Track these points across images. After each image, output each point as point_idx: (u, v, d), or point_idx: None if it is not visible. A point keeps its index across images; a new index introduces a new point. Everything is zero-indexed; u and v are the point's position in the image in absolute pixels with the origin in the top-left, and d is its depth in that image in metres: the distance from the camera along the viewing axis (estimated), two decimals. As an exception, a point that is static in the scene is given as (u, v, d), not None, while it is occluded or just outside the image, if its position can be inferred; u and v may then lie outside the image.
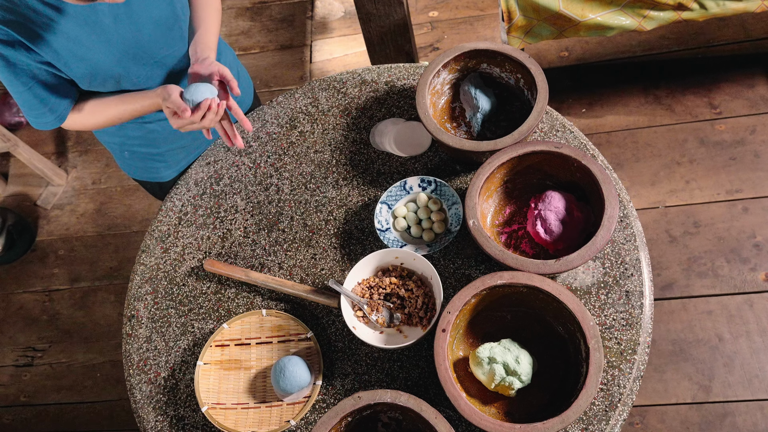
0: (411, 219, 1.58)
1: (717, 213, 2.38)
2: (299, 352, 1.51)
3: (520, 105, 1.64)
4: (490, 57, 1.60)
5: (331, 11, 3.26)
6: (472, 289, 1.34)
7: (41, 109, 1.47)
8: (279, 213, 1.67)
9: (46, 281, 2.90)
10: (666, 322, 2.26)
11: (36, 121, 1.50)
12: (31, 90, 1.43)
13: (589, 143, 1.59)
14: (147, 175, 1.87)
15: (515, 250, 1.50)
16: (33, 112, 1.47)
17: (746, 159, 2.45)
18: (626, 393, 1.34)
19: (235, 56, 1.91)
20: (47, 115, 1.48)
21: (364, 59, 3.06)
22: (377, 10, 2.19)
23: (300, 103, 1.80)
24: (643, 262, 1.45)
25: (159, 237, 1.71)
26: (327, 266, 1.59)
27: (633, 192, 2.47)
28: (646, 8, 2.12)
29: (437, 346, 1.30)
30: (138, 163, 1.82)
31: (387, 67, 1.80)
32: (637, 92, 2.65)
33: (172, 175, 1.87)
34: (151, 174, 1.86)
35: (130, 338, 1.61)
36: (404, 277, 1.50)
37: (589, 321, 1.27)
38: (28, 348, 2.78)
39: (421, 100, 1.56)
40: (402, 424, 1.35)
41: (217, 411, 1.47)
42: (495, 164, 1.45)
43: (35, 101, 1.45)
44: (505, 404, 1.36)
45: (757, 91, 2.55)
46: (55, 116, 1.49)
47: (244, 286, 1.61)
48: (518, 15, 2.18)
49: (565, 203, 1.45)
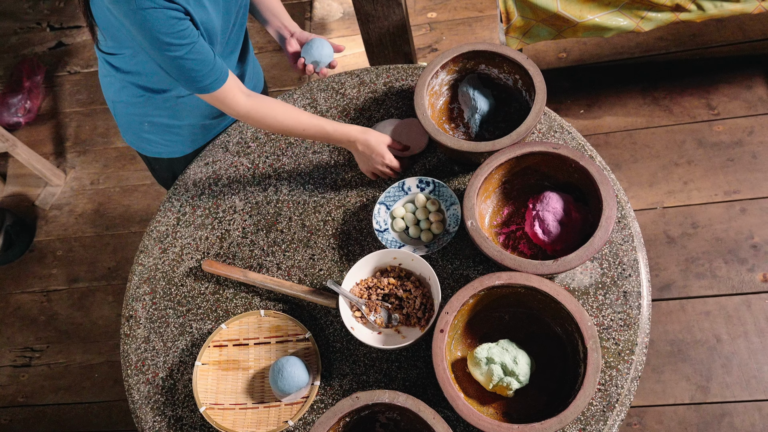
0: (409, 219, 1.58)
1: (715, 214, 2.38)
2: (297, 352, 1.51)
3: (518, 106, 1.64)
4: (488, 58, 1.60)
5: (329, 12, 3.27)
6: (470, 290, 1.34)
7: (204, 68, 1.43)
8: (277, 213, 1.67)
9: (44, 282, 2.90)
10: (664, 323, 2.26)
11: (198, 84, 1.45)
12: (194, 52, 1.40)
13: (587, 144, 1.59)
14: (160, 149, 1.81)
15: (513, 250, 1.50)
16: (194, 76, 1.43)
17: (744, 160, 2.45)
18: (624, 393, 1.34)
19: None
20: (208, 77, 1.44)
21: (362, 60, 3.06)
22: (376, 11, 2.19)
23: (299, 104, 1.80)
24: (641, 263, 1.45)
25: (157, 237, 1.71)
26: (325, 267, 1.59)
27: (631, 193, 2.47)
28: (644, 9, 2.13)
29: (435, 346, 1.31)
30: (155, 137, 1.77)
31: (385, 68, 1.80)
32: (635, 93, 2.66)
33: (185, 151, 1.82)
34: (165, 148, 1.80)
35: (129, 338, 1.61)
36: (402, 278, 1.50)
37: (587, 321, 1.27)
38: (26, 348, 2.77)
39: (419, 100, 1.56)
40: (400, 424, 1.35)
41: (215, 411, 1.47)
42: (493, 165, 1.45)
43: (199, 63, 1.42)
44: (503, 405, 1.36)
45: (754, 92, 2.55)
46: (215, 77, 1.45)
47: (242, 287, 1.61)
48: (516, 16, 2.18)
49: (563, 204, 1.45)
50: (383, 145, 1.60)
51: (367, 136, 1.59)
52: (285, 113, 1.56)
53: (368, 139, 1.59)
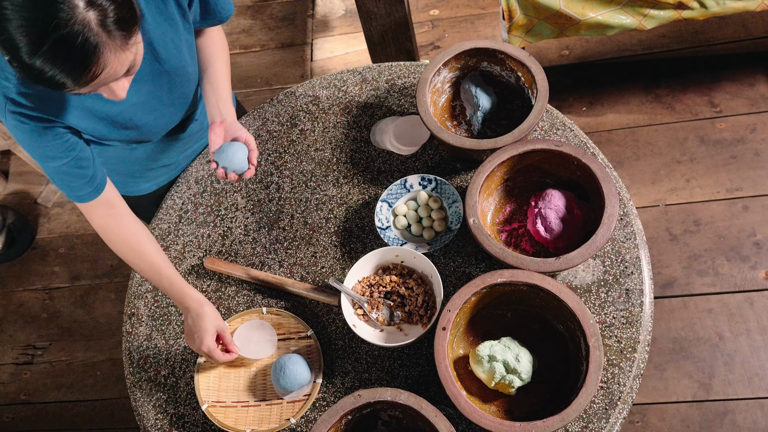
0: (411, 217, 1.58)
1: (717, 211, 2.38)
2: (299, 350, 1.51)
3: (520, 103, 1.64)
4: (490, 55, 1.60)
5: (332, 10, 3.26)
6: (472, 288, 1.34)
7: (77, 183, 1.41)
8: (279, 211, 1.67)
9: (46, 279, 2.90)
10: (666, 321, 2.26)
11: (73, 194, 1.44)
12: (66, 165, 1.38)
13: (590, 142, 1.59)
14: (124, 189, 1.75)
15: (515, 248, 1.50)
16: (69, 186, 1.42)
17: (746, 157, 2.44)
18: (626, 391, 1.34)
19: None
20: (84, 188, 1.43)
21: (364, 57, 3.05)
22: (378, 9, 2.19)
23: (301, 102, 1.80)
24: (643, 261, 1.45)
25: (159, 235, 1.71)
26: (327, 264, 1.59)
27: (633, 190, 2.47)
28: (647, 7, 2.12)
29: (437, 344, 1.30)
30: (116, 178, 1.70)
31: (388, 66, 1.80)
32: (637, 91, 2.65)
33: (150, 188, 1.79)
34: (128, 188, 1.77)
35: (131, 336, 1.61)
36: (404, 276, 1.50)
37: (589, 319, 1.27)
38: (29, 346, 2.78)
39: (421, 98, 1.56)
40: (402, 422, 1.35)
41: (217, 409, 1.47)
42: (495, 162, 1.45)
43: (70, 175, 1.40)
44: (506, 402, 1.36)
45: (757, 89, 2.55)
46: (93, 188, 1.44)
47: (244, 284, 1.61)
48: (519, 14, 2.18)
49: (565, 201, 1.45)
50: (209, 334, 1.45)
51: (202, 311, 1.45)
52: (132, 249, 1.50)
53: (200, 316, 1.45)
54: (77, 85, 1.10)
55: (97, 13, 1.04)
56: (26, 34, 1.01)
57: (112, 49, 1.08)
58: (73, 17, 1.01)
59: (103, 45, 1.06)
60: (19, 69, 1.06)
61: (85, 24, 1.03)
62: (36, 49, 1.02)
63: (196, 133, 1.73)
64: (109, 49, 1.07)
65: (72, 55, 1.04)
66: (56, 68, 1.05)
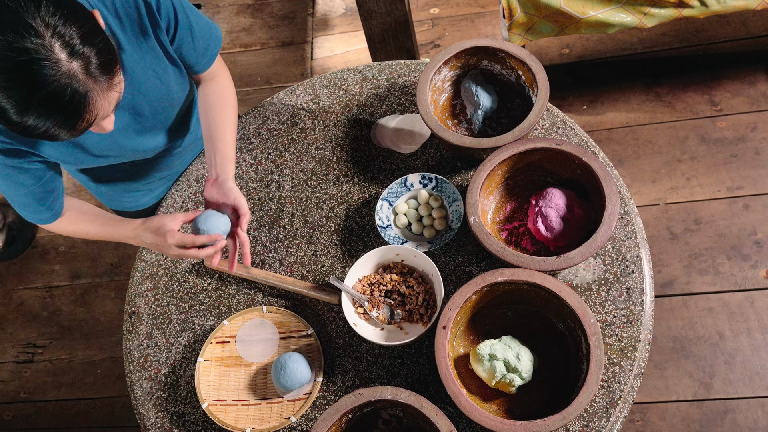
0: (412, 216, 1.57)
1: (718, 210, 2.38)
2: (300, 348, 1.51)
3: (521, 102, 1.64)
4: (491, 54, 1.60)
5: (332, 8, 3.26)
6: (472, 286, 1.34)
7: (38, 208, 1.43)
8: (280, 210, 1.67)
9: (46, 278, 2.90)
10: (667, 319, 2.26)
11: (32, 218, 1.46)
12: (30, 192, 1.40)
13: (590, 140, 1.59)
14: (126, 205, 1.80)
15: (516, 247, 1.50)
16: (29, 210, 1.44)
17: (747, 156, 2.44)
18: (627, 390, 1.34)
19: None
20: (45, 213, 1.45)
21: (365, 56, 3.05)
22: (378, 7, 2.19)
23: (301, 100, 1.80)
24: (644, 259, 1.44)
25: (160, 234, 1.71)
26: (328, 263, 1.59)
27: (634, 189, 2.47)
28: (647, 5, 2.12)
29: (438, 343, 1.30)
30: (116, 195, 1.76)
31: (388, 64, 1.80)
32: (638, 89, 2.65)
33: (151, 201, 1.81)
34: (130, 203, 1.79)
35: (131, 335, 1.61)
36: (405, 274, 1.50)
37: (590, 318, 1.27)
38: (29, 344, 2.78)
39: (422, 96, 1.56)
40: (403, 421, 1.35)
41: (218, 408, 1.47)
42: (496, 161, 1.45)
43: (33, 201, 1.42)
44: (506, 401, 1.36)
45: (758, 88, 2.55)
46: (52, 213, 1.46)
47: (244, 283, 1.61)
48: (519, 12, 2.18)
49: (565, 200, 1.45)
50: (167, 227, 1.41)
51: (150, 223, 1.44)
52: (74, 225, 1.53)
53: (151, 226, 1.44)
54: (72, 135, 1.10)
55: (81, 63, 1.03)
56: (12, 96, 1.00)
57: (99, 93, 1.08)
58: (58, 71, 1.01)
59: (91, 92, 1.06)
60: (9, 127, 1.05)
61: (71, 75, 1.02)
62: (25, 108, 1.01)
63: (192, 143, 1.75)
64: (97, 94, 1.07)
65: (63, 108, 1.04)
66: (49, 122, 1.05)
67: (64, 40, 1.02)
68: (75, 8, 1.06)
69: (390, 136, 1.67)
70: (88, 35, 1.05)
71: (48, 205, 1.44)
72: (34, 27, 0.99)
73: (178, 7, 1.36)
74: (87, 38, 1.05)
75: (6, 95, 1.00)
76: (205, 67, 1.51)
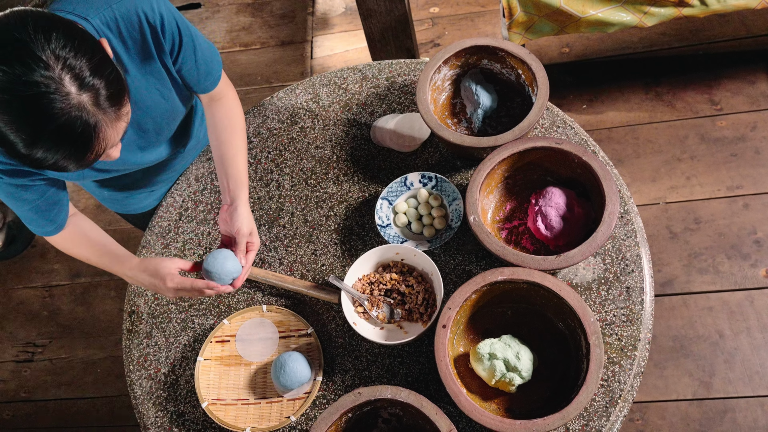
0: (412, 215, 1.57)
1: (718, 209, 2.38)
2: (299, 348, 1.51)
3: (520, 101, 1.63)
4: (491, 53, 1.60)
5: (332, 7, 3.26)
6: (472, 285, 1.34)
7: (42, 221, 1.43)
8: (279, 209, 1.67)
9: (46, 277, 2.90)
10: (666, 319, 2.26)
11: (37, 230, 1.46)
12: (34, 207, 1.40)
13: (590, 139, 1.59)
14: (130, 208, 1.80)
15: (516, 246, 1.49)
16: (34, 223, 1.44)
17: (747, 155, 2.44)
18: (627, 389, 1.34)
19: None
20: (48, 225, 1.45)
21: (365, 55, 3.05)
22: (378, 6, 2.18)
23: (301, 99, 1.80)
24: (644, 259, 1.44)
25: (160, 233, 1.71)
26: (327, 262, 1.59)
27: (633, 188, 2.47)
28: (647, 4, 2.12)
29: (438, 342, 1.30)
30: (119, 199, 1.76)
31: (388, 63, 1.80)
32: (637, 88, 2.65)
33: (153, 203, 1.81)
34: (133, 207, 1.80)
35: (131, 334, 1.61)
36: (405, 273, 1.50)
37: (590, 317, 1.27)
38: (29, 344, 2.78)
39: (421, 96, 1.55)
40: (402, 420, 1.35)
41: (218, 407, 1.47)
42: (496, 160, 1.45)
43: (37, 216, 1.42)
44: (506, 400, 1.36)
45: (757, 87, 2.54)
46: (56, 225, 1.46)
47: (244, 282, 1.61)
48: (519, 11, 2.18)
49: (565, 199, 1.45)
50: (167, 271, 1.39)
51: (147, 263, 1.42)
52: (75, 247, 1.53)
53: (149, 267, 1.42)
54: (81, 166, 1.09)
55: (90, 95, 1.02)
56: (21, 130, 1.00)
57: (108, 124, 1.07)
58: (68, 104, 1.00)
59: (100, 123, 1.05)
60: (17, 160, 1.05)
61: (81, 108, 1.02)
62: (34, 141, 1.01)
63: (194, 147, 1.75)
64: (106, 125, 1.06)
65: (73, 141, 1.03)
66: (58, 155, 1.04)
67: (74, 73, 1.01)
68: (84, 38, 1.05)
69: (390, 135, 1.67)
70: (98, 67, 1.04)
71: (51, 218, 1.44)
72: (43, 60, 0.98)
73: (183, 30, 1.36)
74: (97, 70, 1.04)
75: (15, 129, 0.99)
76: (208, 88, 1.50)
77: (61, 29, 1.02)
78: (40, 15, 1.02)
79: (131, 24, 1.27)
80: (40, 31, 0.99)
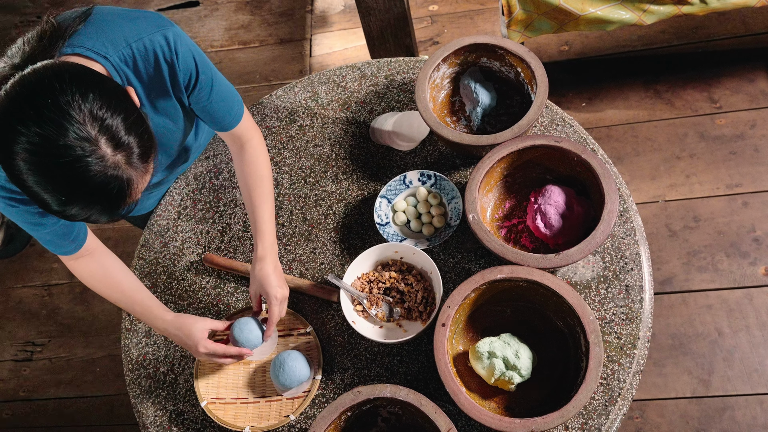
0: (411, 213, 1.57)
1: (717, 207, 2.38)
2: (298, 346, 1.51)
3: (520, 99, 1.63)
4: (490, 51, 1.60)
5: (330, 5, 3.26)
6: (471, 284, 1.34)
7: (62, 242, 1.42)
8: (278, 207, 1.67)
9: (45, 276, 2.90)
10: (666, 317, 2.26)
11: (58, 251, 1.45)
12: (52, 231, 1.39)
13: (589, 137, 1.59)
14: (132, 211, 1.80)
15: (515, 244, 1.49)
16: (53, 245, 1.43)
17: (746, 153, 2.44)
18: (626, 387, 1.34)
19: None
20: (68, 245, 1.43)
21: (363, 53, 3.05)
22: (377, 4, 2.18)
23: (299, 97, 1.80)
24: (643, 257, 1.44)
25: (158, 231, 1.71)
26: (326, 260, 1.59)
27: (633, 186, 2.47)
28: (646, 2, 2.12)
29: (437, 340, 1.30)
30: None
31: (387, 61, 1.80)
32: (637, 87, 2.65)
33: (153, 204, 1.79)
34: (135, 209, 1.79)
35: (130, 333, 1.61)
36: (404, 272, 1.50)
37: (589, 315, 1.27)
38: (28, 343, 2.77)
39: (420, 94, 1.55)
40: (402, 418, 1.35)
41: (217, 406, 1.47)
42: (495, 158, 1.45)
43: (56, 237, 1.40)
44: (505, 399, 1.36)
45: (757, 85, 2.54)
46: (75, 244, 1.44)
47: (243, 281, 1.61)
48: (518, 9, 2.18)
49: (565, 197, 1.45)
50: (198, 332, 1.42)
51: (180, 321, 1.44)
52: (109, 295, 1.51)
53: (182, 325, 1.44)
54: (112, 219, 1.10)
55: (124, 154, 1.03)
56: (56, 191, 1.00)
57: (139, 179, 1.08)
58: (104, 166, 1.00)
59: (132, 179, 1.06)
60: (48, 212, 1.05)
61: (116, 167, 1.02)
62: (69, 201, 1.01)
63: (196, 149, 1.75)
64: (137, 179, 1.07)
65: (107, 198, 1.04)
66: (92, 211, 1.05)
67: (111, 133, 1.01)
68: (118, 95, 1.05)
69: (389, 134, 1.67)
70: (132, 125, 1.05)
71: (72, 238, 1.43)
72: (80, 121, 0.98)
73: (201, 67, 1.35)
74: (131, 128, 1.04)
75: (50, 190, 1.00)
76: (226, 127, 1.50)
77: (97, 88, 1.02)
78: (75, 71, 1.02)
79: (148, 61, 1.28)
80: (76, 89, 0.99)
